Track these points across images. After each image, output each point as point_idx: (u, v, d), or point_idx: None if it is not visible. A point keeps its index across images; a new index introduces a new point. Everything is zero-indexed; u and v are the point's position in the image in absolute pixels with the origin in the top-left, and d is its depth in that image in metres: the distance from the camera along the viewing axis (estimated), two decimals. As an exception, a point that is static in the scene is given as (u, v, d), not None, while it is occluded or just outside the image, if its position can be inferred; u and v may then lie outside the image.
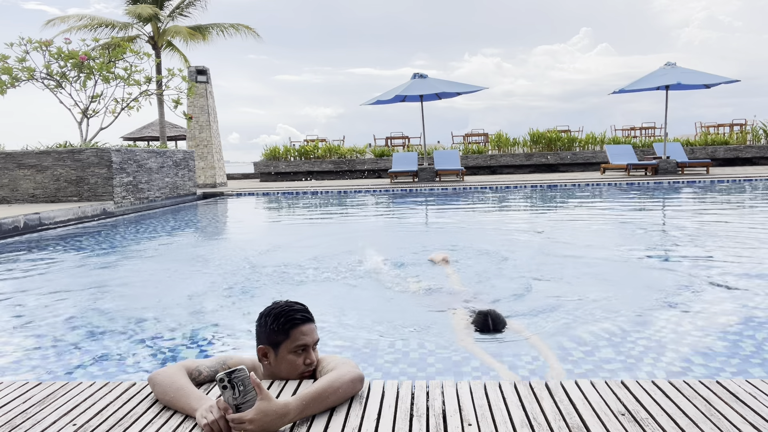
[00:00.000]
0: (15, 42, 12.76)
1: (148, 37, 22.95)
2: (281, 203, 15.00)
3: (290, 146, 23.92)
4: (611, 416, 1.78)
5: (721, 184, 15.17)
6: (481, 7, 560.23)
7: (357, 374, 1.98)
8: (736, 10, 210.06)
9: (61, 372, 3.39)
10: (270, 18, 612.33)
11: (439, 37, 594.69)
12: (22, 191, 12.27)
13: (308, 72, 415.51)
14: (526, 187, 15.92)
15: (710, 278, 5.21)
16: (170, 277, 6.15)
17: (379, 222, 11.10)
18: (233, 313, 4.62)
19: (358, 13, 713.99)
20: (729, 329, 3.81)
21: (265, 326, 2.17)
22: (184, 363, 2.16)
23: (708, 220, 9.40)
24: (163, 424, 1.83)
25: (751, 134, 22.56)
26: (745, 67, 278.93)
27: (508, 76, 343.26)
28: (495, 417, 1.80)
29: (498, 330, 3.60)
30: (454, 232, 9.16)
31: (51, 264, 6.90)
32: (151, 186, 13.63)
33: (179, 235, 9.84)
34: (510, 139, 23.38)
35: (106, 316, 4.53)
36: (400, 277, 5.45)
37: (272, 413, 1.72)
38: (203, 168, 19.27)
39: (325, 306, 4.60)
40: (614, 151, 19.16)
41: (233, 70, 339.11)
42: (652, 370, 3.13)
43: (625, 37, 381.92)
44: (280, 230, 10.51)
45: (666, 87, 17.41)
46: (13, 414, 1.92)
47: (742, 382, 2.00)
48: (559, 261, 6.28)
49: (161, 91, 16.37)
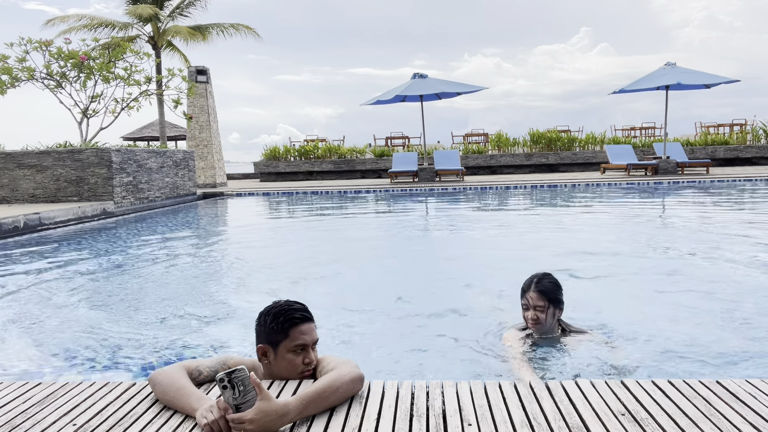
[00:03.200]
0: (15, 42, 12.77)
1: (148, 37, 22.95)
2: (281, 203, 15.00)
3: (290, 146, 23.91)
4: (611, 416, 1.78)
5: (721, 183, 15.18)
6: (481, 7, 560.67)
7: (357, 374, 1.98)
8: (736, 10, 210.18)
9: (61, 372, 3.39)
10: (270, 18, 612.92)
11: (439, 37, 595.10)
12: (22, 191, 12.27)
13: (308, 72, 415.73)
14: (526, 187, 15.92)
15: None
16: (170, 276, 6.14)
17: (378, 222, 11.10)
18: (233, 313, 4.62)
19: (358, 13, 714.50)
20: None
21: (264, 325, 2.17)
22: (184, 363, 2.17)
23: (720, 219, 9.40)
24: (163, 424, 1.83)
25: (751, 134, 22.55)
26: (745, 67, 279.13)
27: (507, 76, 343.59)
28: (495, 417, 1.80)
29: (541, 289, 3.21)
30: (453, 232, 9.16)
31: (51, 264, 6.90)
32: (151, 186, 13.63)
33: (179, 235, 9.84)
34: (510, 139, 23.38)
35: (106, 316, 4.53)
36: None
37: (272, 413, 1.73)
38: (203, 168, 19.27)
39: (325, 305, 4.60)
40: (614, 151, 19.16)
41: (233, 70, 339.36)
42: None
43: (625, 37, 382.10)
44: (280, 230, 10.51)
45: (666, 87, 17.41)
46: (13, 414, 1.92)
47: (742, 382, 2.00)
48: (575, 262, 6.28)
49: (161, 91, 16.37)
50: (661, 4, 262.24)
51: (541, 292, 3.21)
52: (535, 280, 3.27)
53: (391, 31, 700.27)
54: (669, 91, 17.69)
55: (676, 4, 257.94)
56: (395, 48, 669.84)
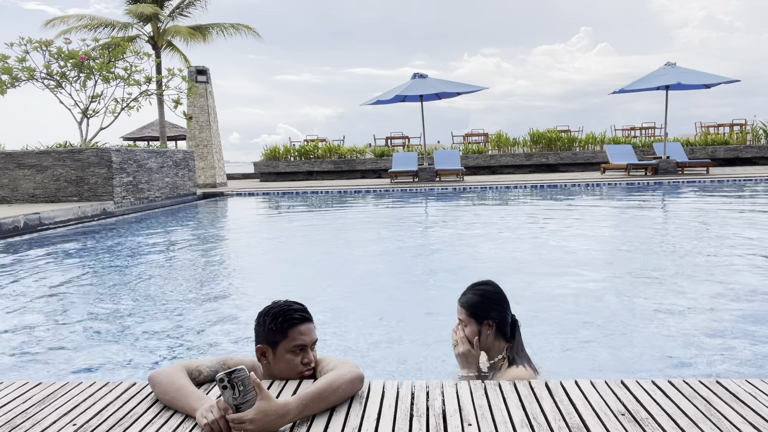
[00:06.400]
0: (15, 42, 12.77)
1: (148, 37, 22.95)
2: (281, 203, 15.00)
3: (290, 146, 23.91)
4: (611, 416, 1.78)
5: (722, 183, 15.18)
6: (480, 8, 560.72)
7: (357, 374, 1.98)
8: (736, 10, 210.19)
9: (61, 372, 3.39)
10: (270, 18, 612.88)
11: (438, 37, 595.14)
12: (22, 191, 12.27)
13: (308, 72, 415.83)
14: (526, 187, 15.92)
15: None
16: (170, 276, 6.14)
17: (378, 222, 11.09)
18: (233, 313, 4.62)
19: (357, 13, 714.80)
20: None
21: (263, 325, 2.17)
22: (184, 363, 2.17)
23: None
24: (163, 424, 1.82)
25: (751, 134, 22.55)
26: (745, 67, 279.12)
27: (507, 76, 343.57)
28: (495, 417, 1.80)
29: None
30: (453, 232, 9.16)
31: (51, 264, 6.90)
32: (151, 186, 13.63)
33: (179, 235, 9.84)
34: (510, 139, 23.38)
35: (107, 316, 4.53)
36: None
37: (272, 413, 1.72)
38: (203, 168, 19.27)
39: (324, 305, 4.60)
40: (614, 151, 19.16)
41: (233, 70, 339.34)
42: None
43: (625, 37, 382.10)
44: (279, 230, 10.51)
45: (666, 87, 17.41)
46: (13, 414, 1.92)
47: (742, 382, 2.00)
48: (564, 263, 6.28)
49: (161, 91, 16.37)
50: (661, 4, 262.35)
51: (463, 305, 2.62)
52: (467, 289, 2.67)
53: (391, 31, 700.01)
54: (669, 91, 17.69)
55: (676, 4, 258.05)
56: (395, 48, 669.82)
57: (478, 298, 2.59)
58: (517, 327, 2.61)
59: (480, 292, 2.61)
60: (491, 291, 2.61)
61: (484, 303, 2.58)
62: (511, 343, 2.57)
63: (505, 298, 2.61)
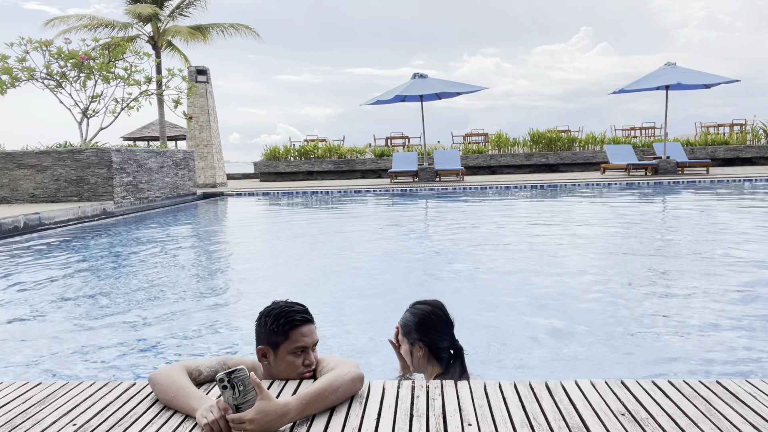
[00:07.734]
0: (15, 42, 12.77)
1: (148, 37, 22.95)
2: (281, 203, 15.00)
3: (290, 146, 23.92)
4: (611, 416, 1.78)
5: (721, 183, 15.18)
6: (480, 8, 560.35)
7: (357, 374, 1.98)
8: (736, 10, 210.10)
9: (61, 372, 3.39)
10: (270, 18, 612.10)
11: (438, 37, 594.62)
12: (22, 191, 12.27)
13: (308, 72, 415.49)
14: (526, 187, 15.92)
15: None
16: (170, 276, 6.14)
17: (378, 222, 11.09)
18: (233, 313, 4.62)
19: (357, 13, 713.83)
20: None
21: (264, 326, 2.16)
22: (184, 363, 2.16)
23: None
24: (163, 424, 1.82)
25: (751, 134, 22.55)
26: (745, 67, 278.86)
27: (507, 76, 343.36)
28: (495, 417, 1.80)
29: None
30: (453, 232, 9.16)
31: (50, 264, 6.90)
32: (151, 186, 13.63)
33: (179, 235, 9.84)
34: (510, 139, 23.38)
35: (107, 316, 4.53)
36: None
37: (272, 413, 1.72)
38: (203, 168, 19.27)
39: (325, 306, 4.60)
40: (614, 151, 19.16)
41: (233, 70, 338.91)
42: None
43: (625, 36, 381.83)
44: (279, 230, 10.51)
45: (666, 87, 17.41)
46: (13, 414, 1.92)
47: (742, 382, 2.00)
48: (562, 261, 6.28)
49: (161, 91, 16.37)
50: (661, 3, 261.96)
51: (399, 321, 2.54)
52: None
53: (391, 31, 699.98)
54: (669, 91, 17.69)
55: (676, 4, 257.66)
56: (395, 48, 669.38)
57: (411, 317, 2.46)
58: (460, 356, 2.42)
59: (417, 312, 2.47)
60: (429, 313, 2.44)
61: (416, 324, 2.43)
62: (443, 371, 2.37)
63: (445, 323, 2.43)
